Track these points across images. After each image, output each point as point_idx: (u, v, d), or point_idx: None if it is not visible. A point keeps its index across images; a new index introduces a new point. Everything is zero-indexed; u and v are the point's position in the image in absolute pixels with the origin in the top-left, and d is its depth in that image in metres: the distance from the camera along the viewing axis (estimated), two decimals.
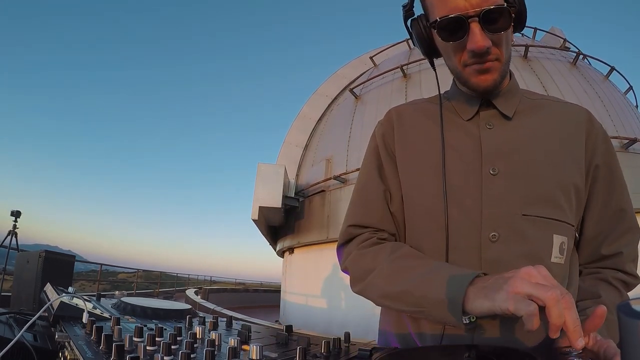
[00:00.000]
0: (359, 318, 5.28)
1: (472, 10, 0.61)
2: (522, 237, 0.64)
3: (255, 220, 6.99)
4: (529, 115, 0.73)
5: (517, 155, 0.68)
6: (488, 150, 0.69)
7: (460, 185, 0.68)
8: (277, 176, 6.94)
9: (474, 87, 0.70)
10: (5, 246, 6.35)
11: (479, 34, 0.62)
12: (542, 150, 0.69)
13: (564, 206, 0.66)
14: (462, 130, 0.73)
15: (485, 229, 0.65)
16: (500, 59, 0.66)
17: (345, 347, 0.70)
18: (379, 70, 8.14)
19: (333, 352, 0.64)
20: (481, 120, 0.73)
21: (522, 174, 0.66)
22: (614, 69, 7.95)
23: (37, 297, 1.71)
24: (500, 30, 0.63)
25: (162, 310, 1.00)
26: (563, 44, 8.12)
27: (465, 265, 0.64)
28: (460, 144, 0.72)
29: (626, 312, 0.26)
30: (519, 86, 0.78)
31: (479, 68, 0.66)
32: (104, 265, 11.16)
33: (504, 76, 0.69)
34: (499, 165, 0.67)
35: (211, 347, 0.56)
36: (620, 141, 6.00)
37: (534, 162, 0.67)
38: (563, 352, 0.53)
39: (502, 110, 0.72)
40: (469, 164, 0.69)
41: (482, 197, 0.66)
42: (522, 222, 0.64)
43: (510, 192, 0.65)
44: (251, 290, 18.35)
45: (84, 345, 0.62)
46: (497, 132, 0.71)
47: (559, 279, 0.65)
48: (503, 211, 0.65)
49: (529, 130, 0.71)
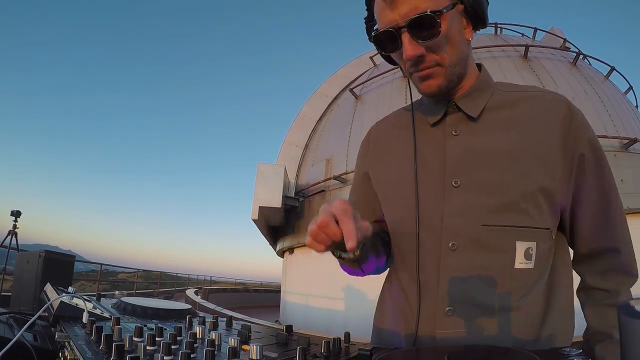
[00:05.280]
0: (359, 318, 5.28)
1: (402, 21, 0.63)
2: (481, 246, 0.67)
3: (255, 220, 6.99)
4: (499, 112, 0.72)
5: (480, 165, 0.69)
6: (451, 162, 0.71)
7: (424, 198, 0.72)
8: (277, 176, 6.94)
9: (422, 93, 0.73)
10: (5, 246, 6.35)
11: (408, 43, 0.64)
12: (506, 155, 0.68)
13: (530, 212, 0.67)
14: (430, 138, 0.75)
15: (445, 239, 0.68)
16: (441, 63, 0.67)
17: (345, 347, 0.70)
18: (379, 70, 8.14)
19: (333, 352, 0.64)
20: (448, 126, 0.74)
21: (483, 185, 0.68)
22: (614, 69, 7.94)
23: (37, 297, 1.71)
24: (429, 37, 0.63)
25: (162, 310, 1.00)
26: (563, 44, 8.12)
27: (429, 270, 0.70)
28: (428, 155, 0.74)
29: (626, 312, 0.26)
30: (491, 81, 0.77)
31: (419, 75, 0.68)
32: (104, 265, 11.16)
33: (452, 79, 0.69)
34: (461, 177, 0.69)
35: (211, 347, 0.56)
36: (620, 141, 6.00)
37: (496, 172, 0.68)
38: (563, 352, 0.54)
39: (467, 111, 0.72)
40: (434, 176, 0.72)
41: (444, 209, 0.69)
42: (482, 232, 0.67)
43: (471, 204, 0.68)
44: (251, 290, 18.35)
45: (84, 345, 0.62)
46: (461, 140, 0.72)
47: (527, 284, 0.67)
48: (463, 222, 0.68)
49: (494, 133, 0.71)
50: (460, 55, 0.69)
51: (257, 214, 6.78)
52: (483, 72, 0.77)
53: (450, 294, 0.67)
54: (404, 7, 0.63)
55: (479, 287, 0.66)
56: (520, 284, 0.67)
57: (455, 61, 0.68)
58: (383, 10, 0.66)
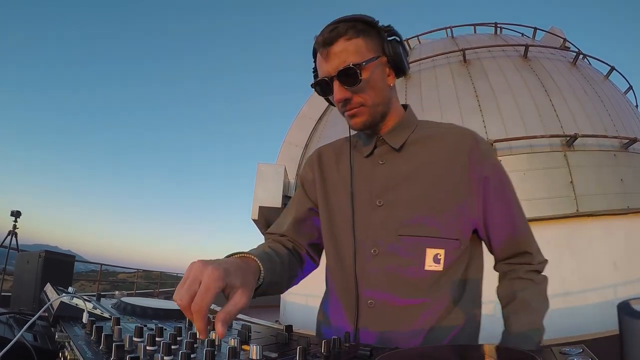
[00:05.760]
0: None
1: (333, 71, 0.81)
2: (396, 252, 0.82)
3: (256, 220, 6.99)
4: (419, 145, 0.89)
5: (398, 188, 0.85)
6: (377, 187, 0.87)
7: (357, 215, 0.88)
8: (277, 176, 6.94)
9: (352, 128, 0.89)
10: (5, 246, 6.35)
11: (337, 89, 0.81)
12: (421, 179, 0.85)
13: (438, 225, 0.81)
14: (363, 166, 0.91)
15: (368, 247, 0.85)
16: (365, 104, 0.83)
17: (345, 347, 0.70)
18: None
19: (333, 352, 0.64)
20: (376, 157, 0.90)
21: (401, 204, 0.84)
22: (614, 69, 7.94)
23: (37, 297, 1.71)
24: (353, 84, 0.80)
25: (162, 310, 0.99)
26: (563, 43, 8.12)
27: (358, 272, 0.85)
28: (361, 181, 0.90)
29: (626, 312, 0.26)
30: (414, 119, 0.93)
31: (347, 114, 0.85)
32: (104, 265, 11.16)
33: (375, 117, 0.85)
34: (384, 198, 0.86)
35: (211, 347, 0.56)
36: (620, 141, 6.00)
37: (412, 193, 0.84)
38: (563, 352, 0.54)
39: (391, 144, 0.88)
40: (364, 198, 0.88)
41: (370, 223, 0.86)
42: (397, 241, 0.82)
43: (390, 219, 0.84)
44: None
45: (84, 345, 0.62)
46: (386, 168, 0.88)
47: (438, 282, 0.81)
48: (383, 233, 0.84)
49: (414, 162, 0.87)
50: (382, 97, 0.85)
51: (257, 214, 6.78)
52: (408, 111, 0.94)
53: (371, 291, 0.83)
54: (335, 61, 0.80)
55: (395, 285, 0.82)
56: (430, 283, 0.81)
57: (377, 102, 0.84)
58: (321, 63, 0.84)
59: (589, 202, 5.26)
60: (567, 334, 4.39)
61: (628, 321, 0.26)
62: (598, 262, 5.14)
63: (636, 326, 0.26)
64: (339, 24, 0.81)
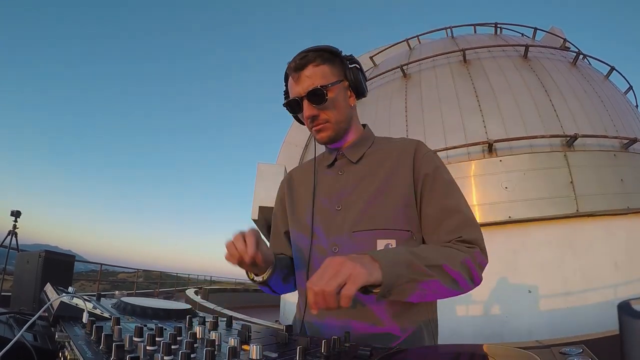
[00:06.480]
0: None
1: (303, 92, 0.95)
2: (352, 246, 0.93)
3: (256, 220, 6.99)
4: (373, 157, 1.02)
5: (354, 192, 0.98)
6: (337, 193, 1.00)
7: (321, 219, 1.00)
8: (277, 176, 6.94)
9: (318, 142, 1.03)
10: (5, 246, 6.35)
11: (306, 107, 0.95)
12: (373, 182, 0.96)
13: (388, 218, 0.92)
14: (325, 177, 1.05)
15: (330, 245, 0.96)
16: (329, 120, 0.97)
17: (345, 347, 0.70)
18: (379, 70, 8.15)
19: (333, 352, 0.64)
20: (336, 168, 1.04)
21: (355, 205, 0.96)
22: (614, 69, 7.95)
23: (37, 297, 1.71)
24: (320, 102, 0.94)
25: (162, 310, 0.99)
26: (563, 43, 8.13)
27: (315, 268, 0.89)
28: (324, 189, 1.03)
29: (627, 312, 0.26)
30: (372, 136, 1.07)
31: (314, 129, 0.99)
32: (104, 265, 11.16)
33: (339, 132, 0.99)
34: (342, 203, 0.98)
35: (211, 347, 0.56)
36: (620, 141, 6.00)
37: (366, 194, 0.96)
38: (563, 352, 0.54)
39: (349, 157, 1.02)
40: (326, 204, 1.01)
41: (331, 226, 0.97)
42: (351, 237, 0.94)
43: (346, 219, 0.96)
44: (251, 290, 18.35)
45: (84, 345, 0.62)
46: (344, 177, 1.02)
47: None
48: (341, 233, 0.95)
49: (368, 171, 0.99)
50: (344, 115, 1.00)
51: (257, 214, 6.78)
52: (366, 129, 1.09)
53: None
54: (305, 83, 0.94)
55: None
56: None
57: (340, 120, 0.99)
58: (292, 85, 0.98)
59: (589, 202, 5.26)
60: (567, 334, 4.40)
61: (628, 321, 0.26)
62: (599, 262, 5.14)
63: (636, 326, 0.25)
64: (308, 53, 0.95)
